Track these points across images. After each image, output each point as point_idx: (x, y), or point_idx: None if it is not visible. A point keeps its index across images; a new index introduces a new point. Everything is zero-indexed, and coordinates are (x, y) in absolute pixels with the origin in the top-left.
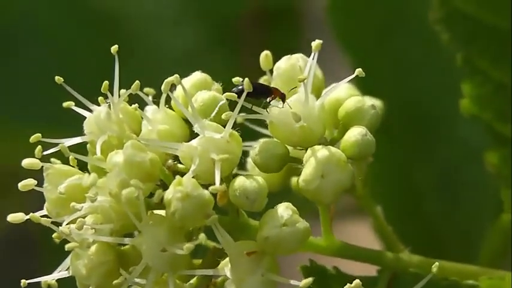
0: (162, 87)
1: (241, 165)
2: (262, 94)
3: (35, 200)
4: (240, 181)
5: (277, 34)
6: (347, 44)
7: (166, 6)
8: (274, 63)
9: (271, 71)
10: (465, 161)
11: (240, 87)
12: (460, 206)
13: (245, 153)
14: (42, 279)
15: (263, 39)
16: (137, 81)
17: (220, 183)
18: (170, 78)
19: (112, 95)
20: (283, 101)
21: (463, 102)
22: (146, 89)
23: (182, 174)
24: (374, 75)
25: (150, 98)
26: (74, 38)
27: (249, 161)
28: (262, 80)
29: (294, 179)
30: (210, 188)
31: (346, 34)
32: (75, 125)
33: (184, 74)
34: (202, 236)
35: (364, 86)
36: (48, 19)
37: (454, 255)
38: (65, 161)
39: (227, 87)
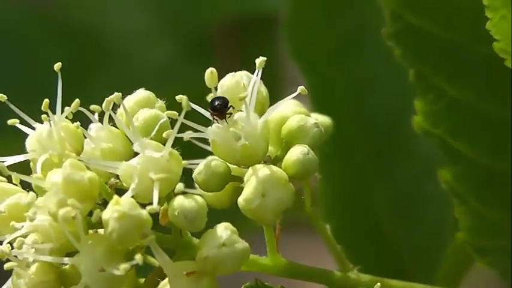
0: (103, 106)
1: (191, 183)
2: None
3: None
4: (179, 201)
5: (251, 45)
6: (301, 61)
7: (140, 19)
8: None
9: (216, 88)
10: (424, 178)
11: (217, 102)
12: (419, 224)
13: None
14: None
15: (237, 51)
16: (77, 100)
17: (161, 203)
18: (111, 97)
19: (54, 113)
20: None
21: (416, 119)
22: (93, 106)
23: (125, 192)
24: (330, 93)
25: (96, 116)
26: (53, 50)
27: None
28: (209, 97)
29: (238, 200)
30: (148, 208)
31: (301, 51)
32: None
33: (159, 86)
34: (139, 257)
35: (319, 103)
36: (24, 29)
37: (414, 274)
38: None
39: (201, 99)
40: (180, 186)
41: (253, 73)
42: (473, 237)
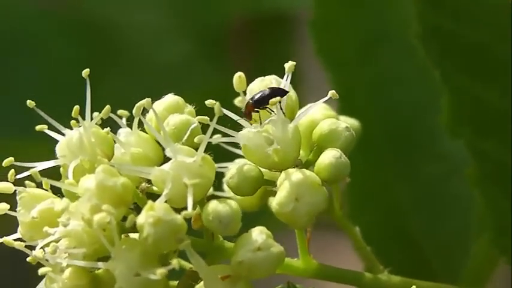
0: (134, 111)
1: (219, 186)
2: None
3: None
4: (213, 206)
5: (266, 43)
6: (328, 61)
7: (156, 16)
8: (263, 74)
9: (244, 93)
10: (449, 177)
11: (255, 97)
12: (444, 223)
13: (222, 174)
14: None
15: (253, 49)
16: (108, 106)
17: (194, 207)
18: (141, 102)
19: (84, 118)
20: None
21: (442, 119)
22: (120, 111)
23: (157, 196)
24: (355, 93)
25: (124, 120)
26: (67, 51)
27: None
28: (237, 101)
29: (271, 199)
30: (183, 213)
31: (327, 50)
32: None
33: (173, 85)
34: (175, 262)
35: (345, 104)
36: (37, 30)
37: (439, 273)
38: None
39: (216, 98)
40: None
41: (271, 72)
42: (500, 236)
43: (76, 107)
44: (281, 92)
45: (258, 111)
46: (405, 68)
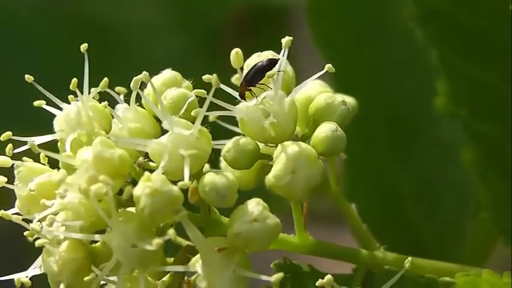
0: (131, 85)
1: (215, 164)
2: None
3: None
4: (209, 177)
5: (262, 37)
6: (325, 46)
7: (152, 12)
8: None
9: (241, 69)
10: (445, 161)
11: (248, 74)
12: (441, 206)
13: (218, 152)
14: (15, 276)
15: (249, 44)
16: (106, 79)
17: (191, 180)
18: (139, 76)
19: (82, 93)
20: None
21: (439, 100)
22: (117, 88)
23: (153, 171)
24: (352, 77)
25: (122, 96)
26: (63, 44)
27: (222, 159)
28: (234, 79)
29: (267, 177)
30: (179, 183)
31: (324, 36)
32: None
33: None
34: (171, 232)
35: (342, 88)
36: (36, 26)
37: (436, 255)
38: (39, 158)
39: (203, 79)
40: (206, 167)
41: None
42: (497, 217)
43: (74, 80)
44: (270, 62)
45: (250, 90)
46: (402, 54)
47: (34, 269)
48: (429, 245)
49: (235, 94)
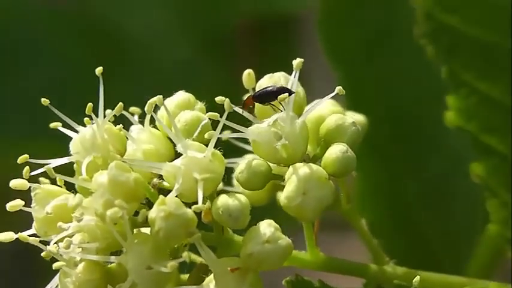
0: (146, 108)
1: (228, 181)
2: (277, 95)
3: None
4: (222, 200)
5: (272, 44)
6: (335, 56)
7: (162, 17)
8: (267, 73)
9: (253, 89)
10: (454, 172)
11: (258, 92)
12: (450, 217)
13: (231, 170)
14: None
15: (257, 50)
16: (120, 103)
17: (204, 202)
18: (153, 99)
19: (97, 116)
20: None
21: (448, 115)
22: (132, 109)
23: (168, 192)
24: (362, 89)
25: (136, 117)
26: (73, 51)
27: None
28: (245, 98)
29: (279, 194)
30: (193, 207)
31: (334, 48)
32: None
33: (178, 85)
34: (185, 254)
35: (352, 100)
36: (45, 32)
37: (445, 266)
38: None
39: (215, 101)
40: (219, 184)
41: (275, 71)
42: (505, 229)
43: (89, 105)
44: (281, 90)
45: (253, 107)
46: (412, 65)
47: None
48: (438, 255)
49: (247, 115)
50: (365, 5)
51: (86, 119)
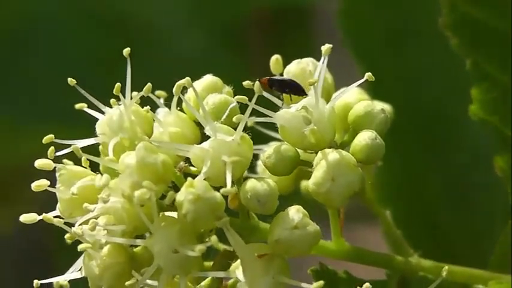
0: (174, 90)
1: (252, 169)
2: (291, 89)
3: (45, 201)
4: (251, 184)
5: (286, 35)
6: (357, 50)
7: (177, 9)
8: (283, 65)
9: (281, 75)
10: (475, 166)
11: (277, 77)
12: (471, 211)
13: (255, 157)
14: (55, 279)
15: (272, 41)
16: (149, 84)
17: (231, 186)
18: (182, 81)
19: (124, 97)
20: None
21: (472, 107)
22: (158, 92)
23: (193, 176)
24: (383, 81)
25: (162, 100)
26: (88, 39)
27: (260, 164)
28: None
29: (303, 182)
30: (222, 190)
31: (356, 40)
32: (88, 124)
33: (194, 76)
34: (214, 238)
35: (373, 92)
36: (64, 21)
37: (465, 260)
38: (78, 161)
39: (237, 88)
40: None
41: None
42: None
43: (118, 85)
44: (295, 90)
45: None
46: (434, 57)
47: (74, 273)
48: (458, 250)
49: (275, 100)
50: None
51: (112, 100)
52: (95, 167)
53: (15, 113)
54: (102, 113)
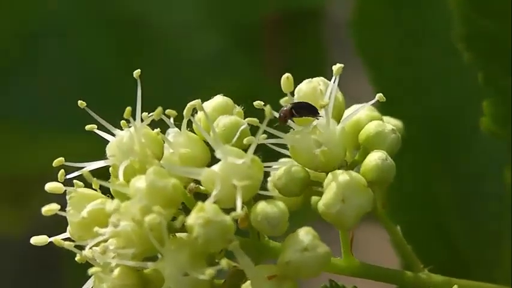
0: (184, 112)
1: (262, 185)
2: (308, 113)
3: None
4: (261, 207)
5: (298, 38)
6: (368, 59)
7: (189, 10)
8: (295, 69)
9: (291, 93)
10: (486, 176)
11: (285, 108)
12: (481, 222)
13: (265, 174)
14: None
15: (285, 43)
16: (160, 108)
17: (242, 208)
18: (192, 103)
19: (134, 119)
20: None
21: (483, 120)
22: (168, 111)
23: (203, 196)
24: (395, 90)
25: (172, 120)
26: (99, 43)
27: (270, 180)
28: (283, 101)
29: (314, 198)
30: (232, 214)
31: (368, 49)
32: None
33: (205, 79)
34: (224, 262)
35: (384, 103)
36: (74, 23)
37: (476, 271)
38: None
39: (249, 92)
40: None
41: (303, 67)
42: None
43: (128, 109)
44: (311, 112)
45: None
46: (445, 67)
47: None
48: (469, 261)
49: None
50: (399, 5)
51: (122, 122)
52: (105, 187)
53: (33, 121)
54: (113, 134)
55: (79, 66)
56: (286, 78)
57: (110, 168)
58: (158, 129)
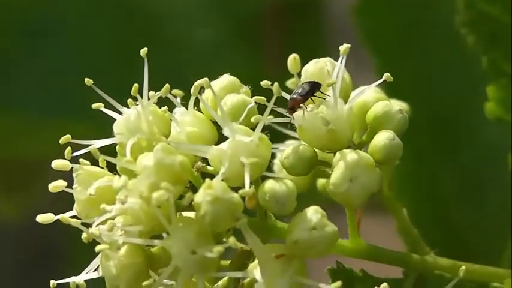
0: (192, 90)
1: (268, 167)
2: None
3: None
4: (269, 185)
5: (298, 29)
6: (372, 46)
7: (189, 0)
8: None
9: (298, 74)
10: (491, 164)
11: (299, 90)
12: (486, 210)
13: (272, 155)
14: (71, 279)
15: (284, 34)
16: (167, 85)
17: (249, 186)
18: (200, 81)
19: (141, 97)
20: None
21: (488, 105)
22: (174, 91)
23: (211, 176)
24: (398, 77)
25: (179, 99)
26: (102, 32)
27: (276, 162)
28: (290, 83)
29: (320, 181)
30: (240, 191)
31: (371, 36)
32: (101, 120)
33: (206, 68)
34: (232, 239)
35: (388, 88)
36: (78, 14)
37: (480, 259)
38: (94, 159)
39: (251, 82)
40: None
41: (302, 55)
42: None
43: (135, 85)
44: (316, 90)
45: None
46: (449, 54)
47: (90, 273)
48: (473, 248)
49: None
50: None
51: (129, 100)
52: (111, 166)
53: (35, 107)
54: (120, 112)
55: (79, 54)
56: (293, 58)
57: (117, 147)
58: (165, 107)
